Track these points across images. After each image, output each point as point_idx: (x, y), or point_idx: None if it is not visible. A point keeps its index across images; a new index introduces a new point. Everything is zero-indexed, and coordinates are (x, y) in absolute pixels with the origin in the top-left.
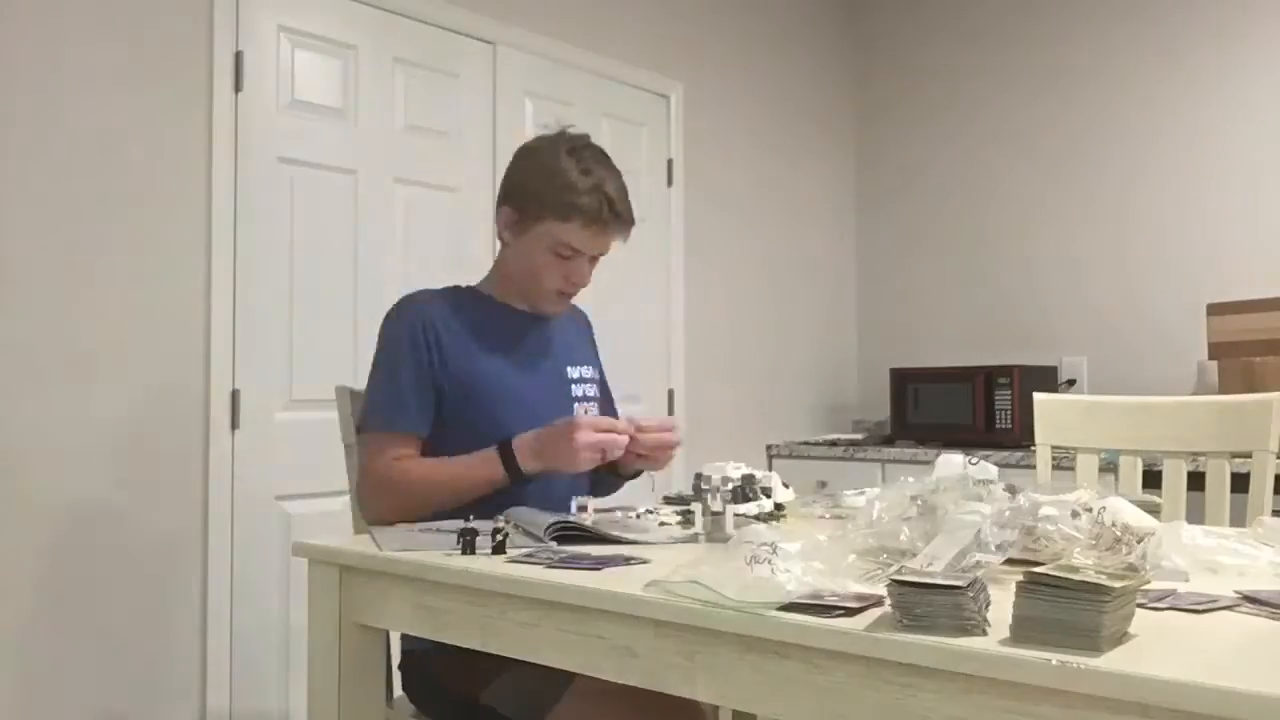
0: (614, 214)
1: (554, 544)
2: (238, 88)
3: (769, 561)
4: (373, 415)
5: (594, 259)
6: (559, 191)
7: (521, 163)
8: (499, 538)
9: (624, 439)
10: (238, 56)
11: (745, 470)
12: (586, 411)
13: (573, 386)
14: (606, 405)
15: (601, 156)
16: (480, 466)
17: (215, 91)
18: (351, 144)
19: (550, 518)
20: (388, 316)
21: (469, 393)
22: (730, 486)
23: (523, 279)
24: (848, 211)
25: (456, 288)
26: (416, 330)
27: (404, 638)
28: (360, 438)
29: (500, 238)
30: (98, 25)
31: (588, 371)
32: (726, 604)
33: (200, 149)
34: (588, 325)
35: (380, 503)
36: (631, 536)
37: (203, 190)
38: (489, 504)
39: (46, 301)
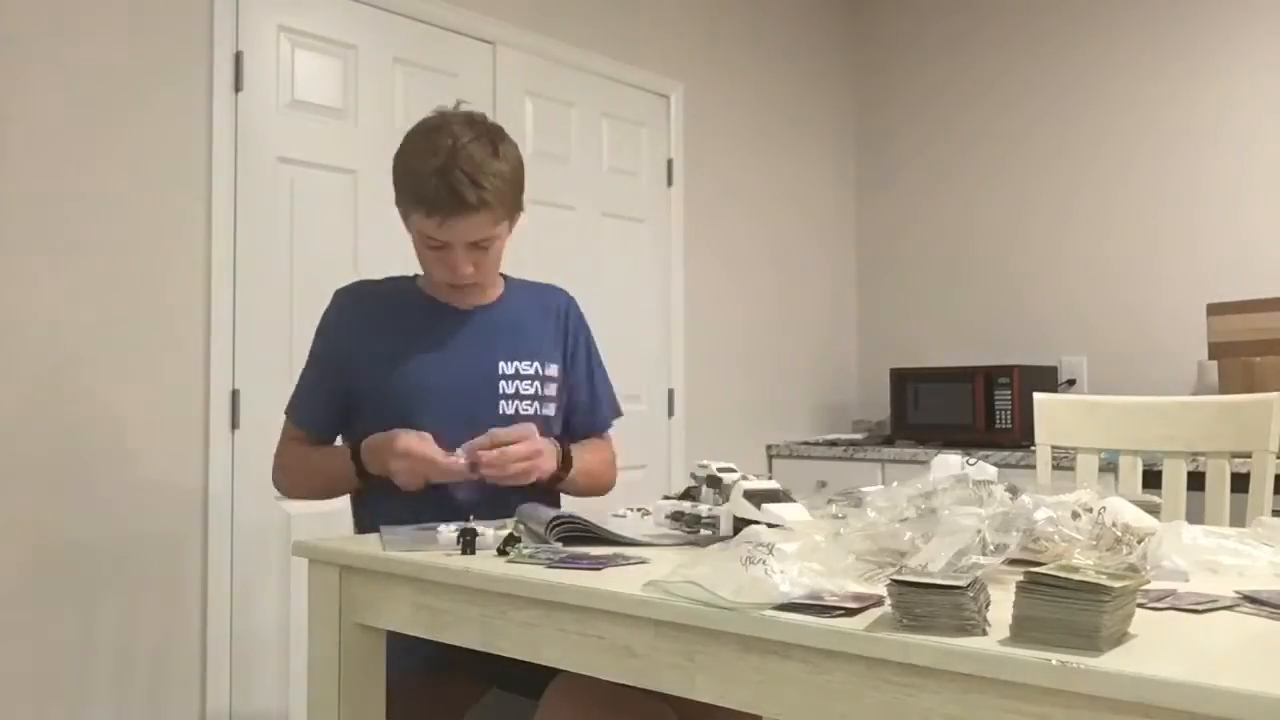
0: (455, 199)
1: (559, 544)
2: (238, 88)
3: (764, 562)
4: (289, 405)
5: (472, 246)
6: (405, 180)
7: (398, 150)
8: (508, 548)
9: (445, 470)
10: (238, 56)
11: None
12: (518, 411)
13: (501, 383)
14: (581, 400)
15: (469, 133)
16: (338, 460)
17: (215, 91)
18: (351, 144)
19: (551, 514)
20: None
21: (372, 389)
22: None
23: (424, 272)
24: (848, 211)
25: (400, 278)
26: (330, 327)
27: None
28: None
29: None
30: (98, 25)
31: (529, 368)
32: (722, 604)
33: (200, 149)
34: (562, 316)
35: (280, 483)
36: (633, 536)
37: (203, 190)
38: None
39: (46, 301)
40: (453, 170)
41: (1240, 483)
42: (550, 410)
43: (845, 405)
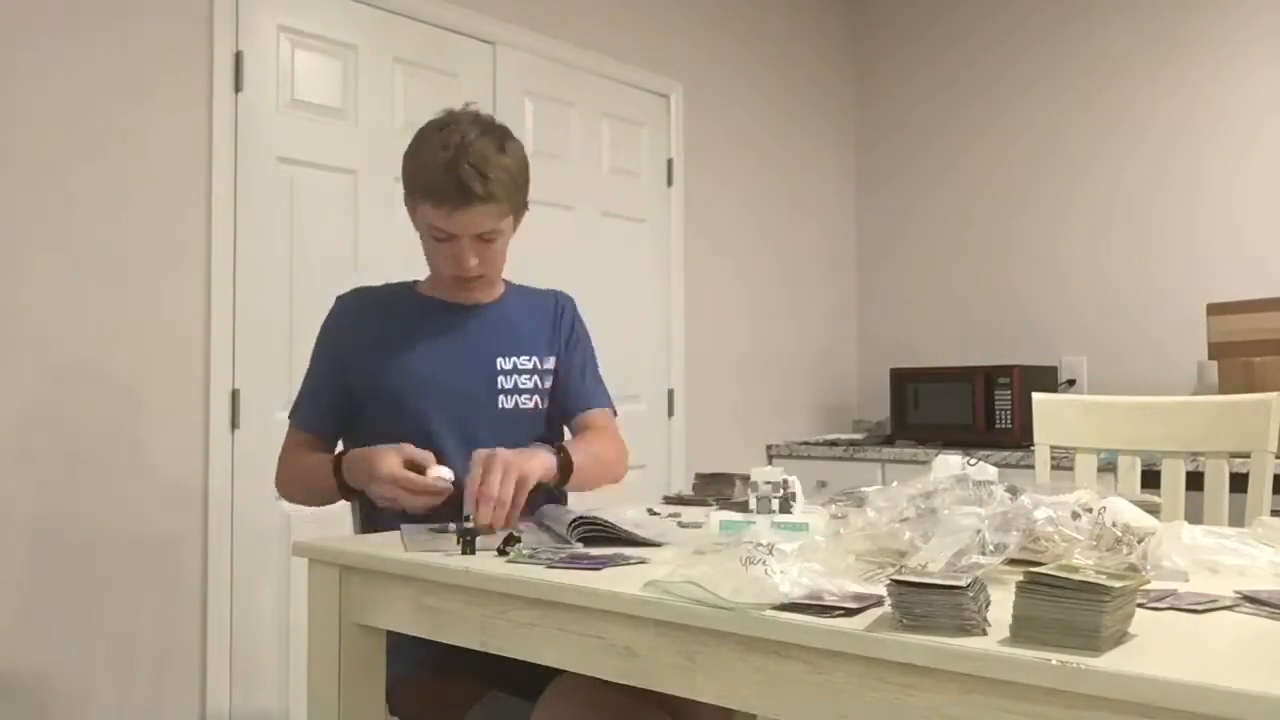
0: (461, 190)
1: (579, 544)
2: (238, 88)
3: (764, 562)
4: (291, 410)
5: (478, 239)
6: (416, 171)
7: (408, 146)
8: (508, 548)
9: (420, 503)
10: (238, 56)
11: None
12: (516, 405)
13: (500, 378)
14: (568, 393)
15: (476, 128)
16: (323, 472)
17: (215, 91)
18: (351, 144)
19: (573, 516)
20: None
21: (378, 388)
22: (782, 494)
23: (430, 268)
24: (848, 211)
25: (398, 284)
26: (330, 331)
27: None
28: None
29: None
30: (98, 25)
31: (527, 362)
32: (721, 604)
33: (200, 149)
34: (559, 312)
35: (283, 488)
36: (652, 538)
37: (203, 190)
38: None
39: (46, 301)
40: (461, 163)
41: (1239, 483)
42: (548, 403)
43: (845, 405)
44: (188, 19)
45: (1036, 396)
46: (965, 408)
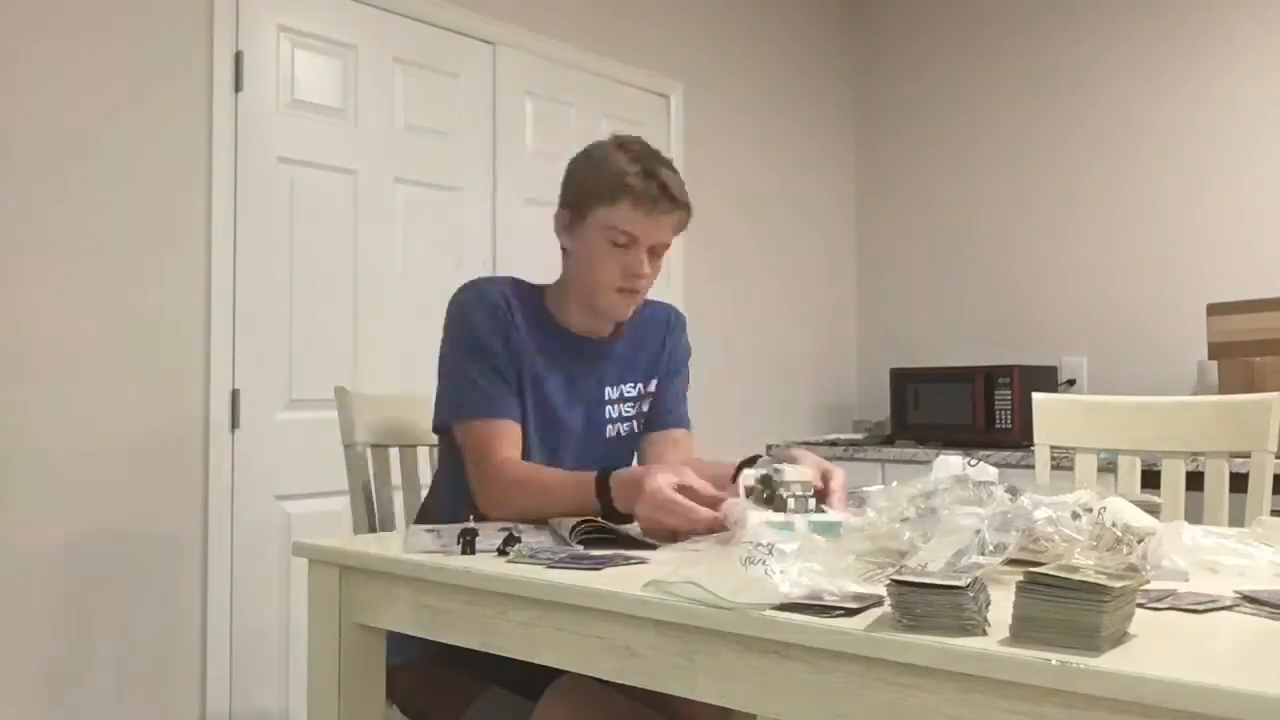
0: (664, 192)
1: (580, 547)
2: (238, 88)
3: (764, 563)
4: (468, 402)
5: (654, 250)
6: (608, 178)
7: (573, 164)
8: (508, 548)
9: (698, 519)
10: (238, 56)
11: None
12: (620, 433)
13: (608, 408)
14: (657, 410)
15: (655, 151)
16: (575, 490)
17: (215, 91)
18: (351, 144)
19: (574, 520)
20: (459, 301)
21: (525, 399)
22: (810, 493)
23: (582, 282)
24: (848, 211)
25: (523, 285)
26: (488, 318)
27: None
28: (460, 427)
29: (562, 248)
30: (98, 25)
31: (632, 390)
32: (720, 604)
33: (200, 149)
34: (668, 331)
35: (513, 502)
36: (656, 540)
37: (203, 190)
38: None
39: (46, 301)
40: (661, 169)
41: (1239, 483)
42: (630, 429)
43: (845, 405)
44: (188, 19)
45: (1036, 396)
46: (965, 408)
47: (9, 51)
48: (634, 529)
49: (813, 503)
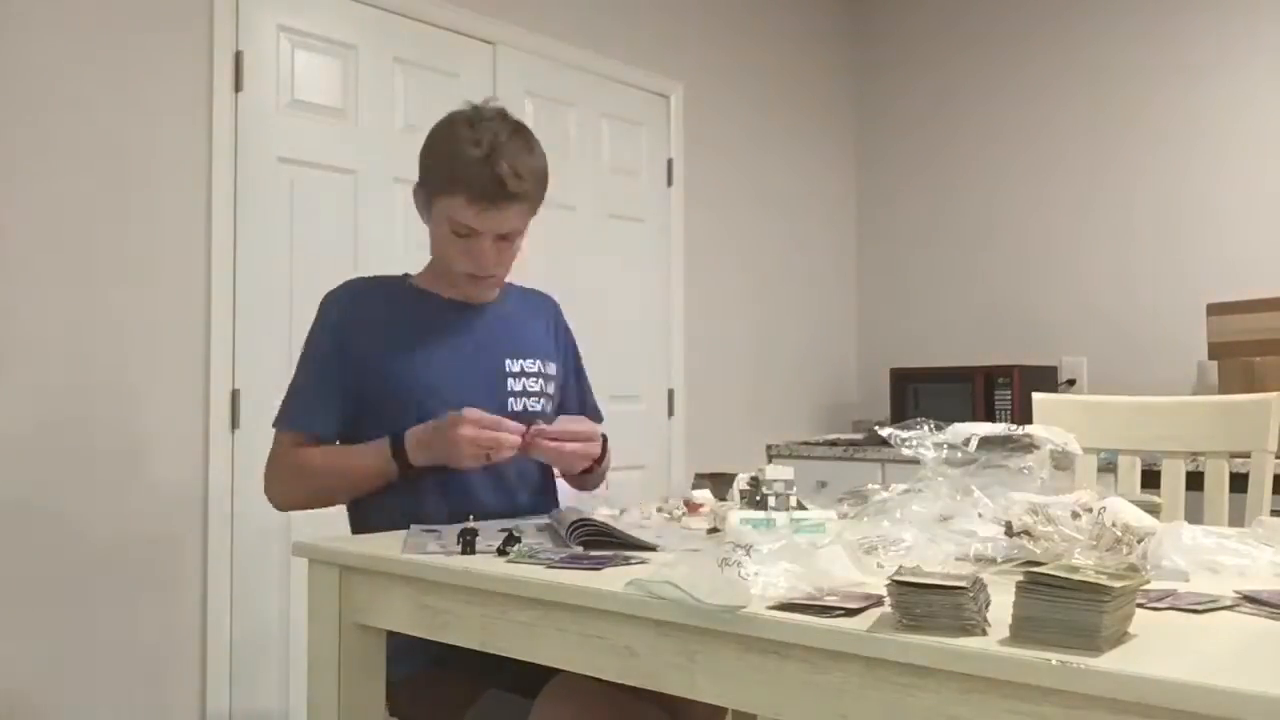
0: (501, 188)
1: (579, 547)
2: (238, 88)
3: (739, 564)
4: (282, 412)
5: (500, 239)
6: (446, 165)
7: (427, 138)
8: (508, 548)
9: (511, 439)
10: (238, 56)
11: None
12: (525, 408)
13: (510, 380)
14: (572, 401)
15: (506, 128)
16: (372, 456)
17: (215, 91)
18: (351, 144)
19: (573, 518)
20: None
21: (383, 388)
22: (792, 490)
23: (438, 263)
24: (848, 211)
25: (389, 277)
26: (326, 330)
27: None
28: (275, 433)
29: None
30: (98, 25)
31: (533, 365)
32: (694, 604)
33: (200, 149)
34: (552, 319)
35: (281, 488)
36: (652, 540)
37: (203, 190)
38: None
39: (46, 301)
40: (498, 160)
41: (1239, 483)
42: (550, 408)
43: (845, 405)
44: (188, 19)
45: (1037, 396)
46: (965, 408)
47: (9, 52)
48: (630, 525)
49: (794, 500)
